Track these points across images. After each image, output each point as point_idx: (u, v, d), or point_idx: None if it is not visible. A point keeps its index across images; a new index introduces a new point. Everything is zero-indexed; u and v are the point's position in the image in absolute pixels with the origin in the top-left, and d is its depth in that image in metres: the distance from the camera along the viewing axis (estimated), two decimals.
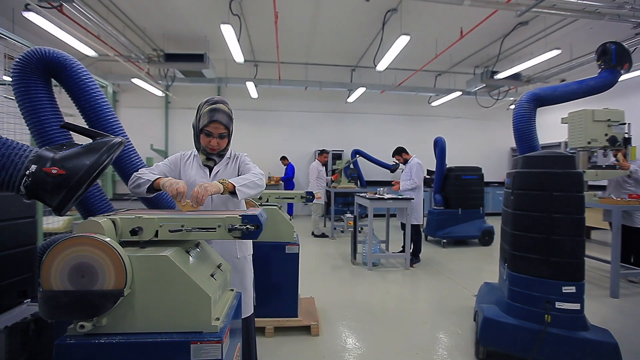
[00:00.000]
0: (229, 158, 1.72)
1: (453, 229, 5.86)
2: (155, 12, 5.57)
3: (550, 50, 5.41)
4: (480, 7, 4.31)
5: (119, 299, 1.03)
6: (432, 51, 6.66)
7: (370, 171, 9.00)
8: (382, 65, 6.16)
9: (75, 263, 1.02)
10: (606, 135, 3.93)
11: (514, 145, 10.32)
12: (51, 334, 1.37)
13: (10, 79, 1.72)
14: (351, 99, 8.66)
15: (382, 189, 4.71)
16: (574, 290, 2.01)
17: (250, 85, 7.29)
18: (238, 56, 5.69)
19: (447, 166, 6.04)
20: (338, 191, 6.83)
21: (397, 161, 4.99)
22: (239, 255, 1.67)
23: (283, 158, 8.86)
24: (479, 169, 6.15)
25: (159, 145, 8.70)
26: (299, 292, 2.74)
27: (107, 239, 1.04)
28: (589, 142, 3.95)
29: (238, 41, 5.23)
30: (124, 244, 1.11)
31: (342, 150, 9.42)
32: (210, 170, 1.68)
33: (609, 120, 3.95)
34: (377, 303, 3.38)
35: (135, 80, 6.78)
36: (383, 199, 4.34)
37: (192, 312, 1.10)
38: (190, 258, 1.21)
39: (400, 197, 4.42)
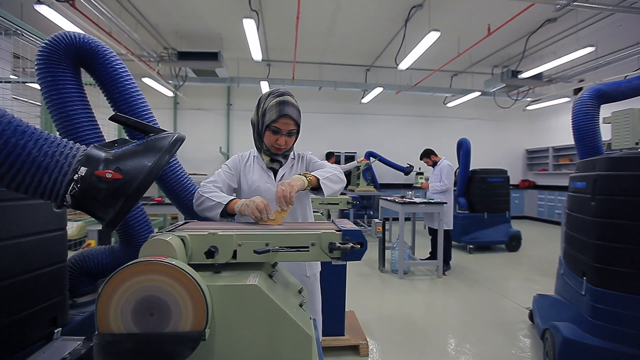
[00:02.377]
0: (294, 159, 1.48)
1: (479, 233, 5.61)
2: (169, 8, 5.34)
3: (584, 47, 5.18)
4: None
5: (199, 343, 0.78)
6: (452, 50, 6.43)
7: (381, 173, 8.77)
8: (404, 64, 5.92)
9: (142, 297, 0.77)
10: None
11: (529, 147, 10.27)
12: None
13: (17, 78, 1.48)
14: (366, 99, 8.42)
15: (410, 192, 4.46)
16: None
17: (264, 85, 7.05)
18: (256, 54, 5.45)
19: (471, 168, 5.80)
20: (357, 194, 6.57)
21: (425, 163, 4.73)
22: (309, 274, 1.42)
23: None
24: (505, 172, 5.91)
25: None
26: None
27: (183, 265, 0.79)
28: (636, 143, 3.72)
29: (258, 36, 4.99)
30: (193, 268, 0.86)
31: (355, 152, 9.17)
32: (275, 173, 1.43)
33: None
34: (419, 316, 3.13)
35: (146, 80, 6.54)
36: (415, 203, 4.09)
37: (289, 357, 0.85)
38: (276, 285, 0.96)
39: (431, 201, 4.18)
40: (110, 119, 1.01)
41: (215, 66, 5.89)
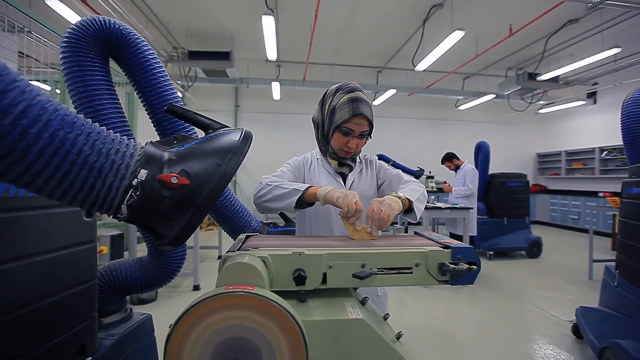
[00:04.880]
0: (361, 163, 1.31)
1: (499, 239, 5.42)
2: (181, 6, 5.19)
3: (609, 48, 5.02)
4: None
5: None
6: (469, 51, 6.28)
7: None
8: (423, 65, 5.76)
9: (225, 339, 0.59)
10: None
11: (540, 151, 10.10)
12: None
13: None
14: (377, 101, 8.26)
15: (432, 196, 4.29)
16: None
17: (275, 86, 6.89)
18: (272, 53, 5.29)
19: (490, 172, 5.63)
20: None
21: (447, 168, 4.57)
22: (380, 293, 1.24)
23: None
24: (524, 176, 5.74)
25: None
26: None
27: (277, 298, 0.61)
28: None
29: (276, 36, 4.84)
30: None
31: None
32: (344, 178, 1.26)
33: None
34: (453, 328, 2.95)
35: None
36: (440, 208, 3.91)
37: None
38: (371, 314, 0.78)
39: (456, 206, 4.01)
40: (165, 110, 0.84)
41: (227, 66, 5.73)
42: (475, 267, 0.76)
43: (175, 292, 3.61)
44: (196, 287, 3.67)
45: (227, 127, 0.85)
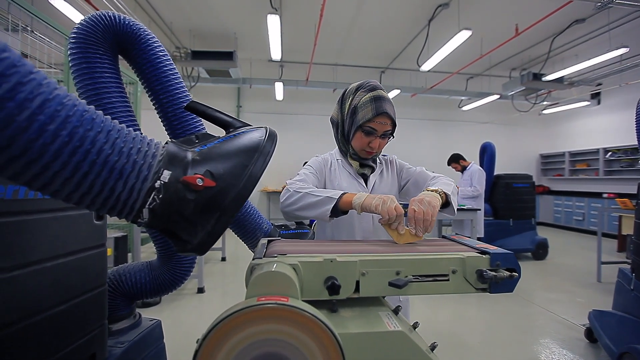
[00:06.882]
0: (381, 163, 1.27)
1: (504, 241, 5.37)
2: (185, 5, 5.15)
3: (617, 48, 4.98)
4: None
5: None
6: (473, 51, 6.25)
7: None
8: (428, 65, 5.72)
9: (258, 355, 0.55)
10: None
11: (543, 151, 10.05)
12: None
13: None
14: None
15: None
16: None
17: (278, 86, 6.85)
18: (276, 52, 5.25)
19: (495, 173, 5.58)
20: None
21: (454, 169, 4.52)
22: (402, 298, 1.20)
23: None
24: (530, 177, 5.69)
25: None
26: None
27: (316, 313, 0.56)
28: None
29: (281, 35, 4.80)
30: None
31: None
32: (366, 180, 1.22)
33: None
34: (461, 331, 2.90)
35: None
36: None
37: None
38: (405, 325, 0.74)
39: (463, 207, 3.96)
40: (186, 107, 0.80)
41: (230, 66, 5.69)
42: (516, 274, 0.72)
43: (180, 295, 3.55)
44: (200, 290, 3.62)
45: (249, 125, 0.81)
